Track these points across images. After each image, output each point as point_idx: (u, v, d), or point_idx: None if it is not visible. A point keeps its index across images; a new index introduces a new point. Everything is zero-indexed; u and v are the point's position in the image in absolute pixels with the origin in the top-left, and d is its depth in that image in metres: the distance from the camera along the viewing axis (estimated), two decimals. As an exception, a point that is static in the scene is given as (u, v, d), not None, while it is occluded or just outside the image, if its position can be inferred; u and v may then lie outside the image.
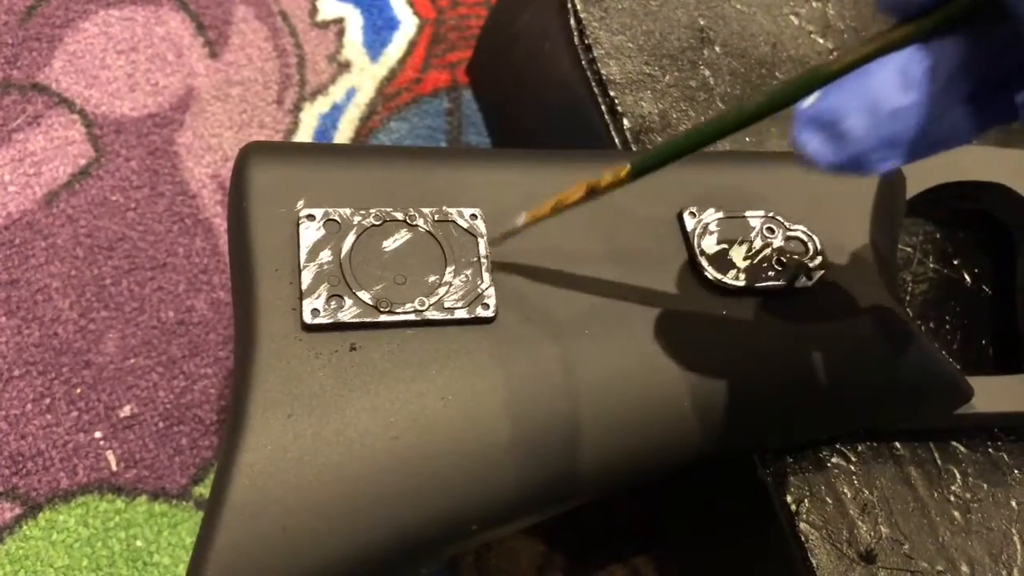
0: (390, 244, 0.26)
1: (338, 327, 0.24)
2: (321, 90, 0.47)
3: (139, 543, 0.36)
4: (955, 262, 0.39)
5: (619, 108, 0.37)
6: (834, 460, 0.33)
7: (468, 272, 0.26)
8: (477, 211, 0.27)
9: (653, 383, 0.26)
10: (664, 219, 0.28)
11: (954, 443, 0.35)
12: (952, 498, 0.34)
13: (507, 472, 0.25)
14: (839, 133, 0.19)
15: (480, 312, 0.25)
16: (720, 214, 0.28)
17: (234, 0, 0.48)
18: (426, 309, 0.25)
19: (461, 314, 0.25)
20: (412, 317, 0.25)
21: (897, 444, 0.34)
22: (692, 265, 0.28)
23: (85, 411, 0.37)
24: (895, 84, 0.18)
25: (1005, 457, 0.35)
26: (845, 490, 0.33)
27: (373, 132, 0.46)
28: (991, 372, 0.36)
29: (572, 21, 0.39)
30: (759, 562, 0.34)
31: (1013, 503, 0.35)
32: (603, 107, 0.37)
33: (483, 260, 0.26)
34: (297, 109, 0.46)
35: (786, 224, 0.29)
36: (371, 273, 0.25)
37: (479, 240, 0.26)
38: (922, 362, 0.29)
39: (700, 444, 0.28)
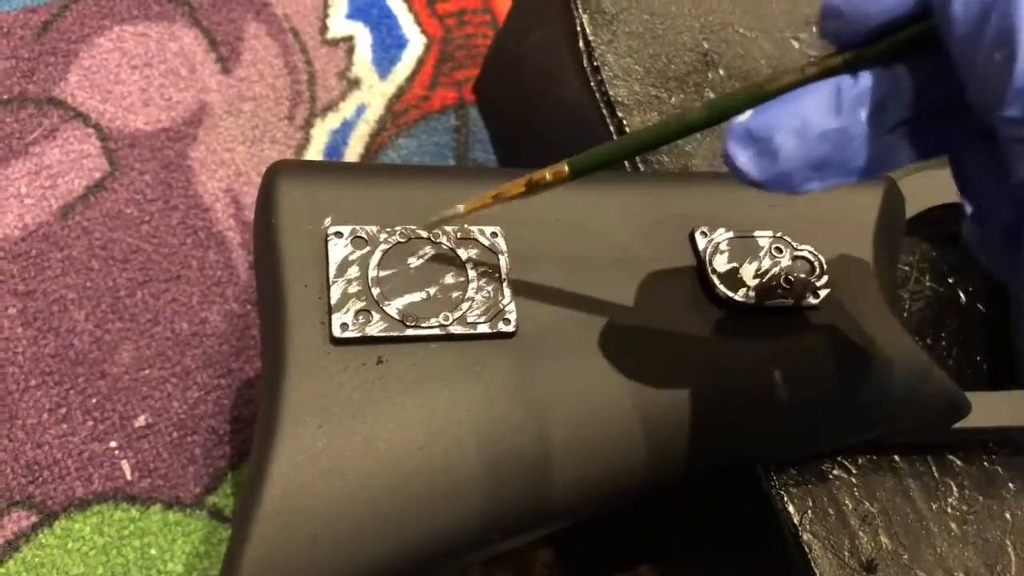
0: (415, 261, 0.26)
1: (366, 341, 0.25)
2: (332, 106, 0.48)
3: (153, 551, 0.36)
4: (950, 280, 0.40)
5: (627, 129, 0.38)
6: (836, 472, 0.34)
7: (490, 288, 0.27)
8: (497, 229, 0.28)
9: (669, 397, 0.27)
10: (676, 238, 0.29)
11: (951, 456, 0.36)
12: (949, 510, 0.35)
13: (528, 483, 0.26)
14: (768, 150, 0.19)
15: (502, 327, 0.26)
16: (730, 234, 0.29)
17: (246, 17, 0.48)
18: (450, 324, 0.26)
19: (483, 329, 0.26)
20: (437, 332, 0.26)
21: (896, 457, 0.35)
22: (703, 283, 0.29)
23: (100, 421, 0.38)
24: (825, 108, 0.19)
25: (1000, 470, 0.37)
26: (847, 501, 0.34)
27: (382, 148, 0.47)
28: (985, 387, 0.37)
29: (581, 43, 0.40)
30: (763, 572, 0.35)
31: (1008, 515, 0.36)
32: (612, 128, 0.38)
33: (504, 276, 0.27)
34: (308, 125, 0.47)
35: (793, 244, 0.30)
36: (397, 289, 0.26)
37: (500, 257, 0.27)
38: (922, 378, 0.30)
39: (714, 455, 0.29)
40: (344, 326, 0.25)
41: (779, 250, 0.29)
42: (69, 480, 0.37)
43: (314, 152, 0.46)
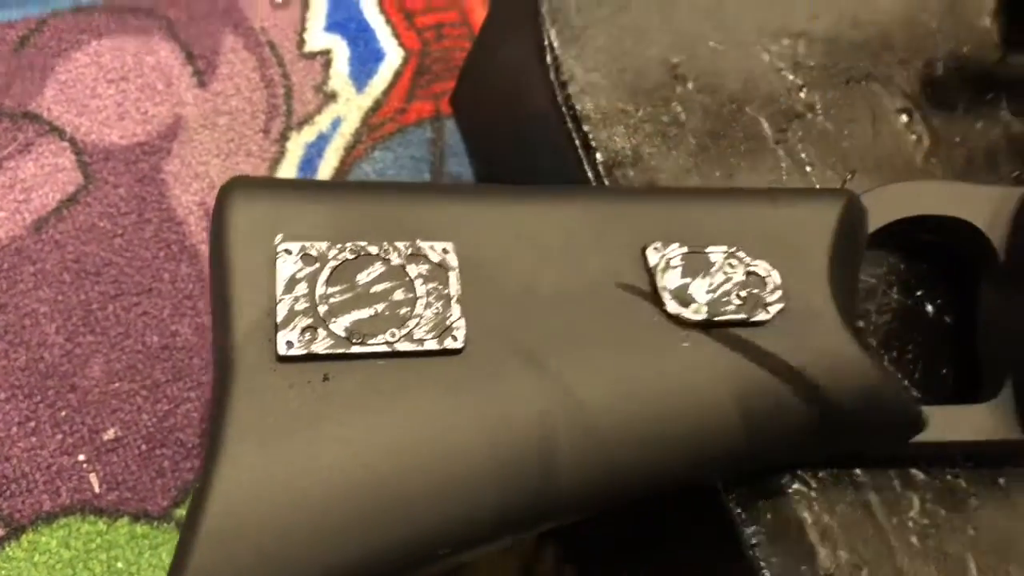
0: (364, 277, 0.27)
1: (312, 358, 0.25)
2: (307, 120, 0.48)
3: (120, 564, 0.37)
4: (918, 293, 0.40)
5: (592, 143, 0.38)
6: (795, 486, 0.34)
7: (439, 305, 0.27)
8: (449, 245, 0.28)
9: (619, 412, 0.28)
10: (629, 254, 0.29)
11: (913, 470, 0.36)
12: (910, 524, 0.35)
13: (474, 498, 0.26)
14: None
15: (449, 343, 0.26)
16: (684, 249, 0.29)
17: (224, 30, 0.49)
18: (397, 340, 0.26)
19: (431, 345, 0.26)
20: (383, 348, 0.26)
21: (857, 471, 0.35)
22: (655, 299, 0.29)
23: (69, 434, 0.38)
24: None
25: (963, 483, 0.36)
26: (806, 515, 0.34)
27: (357, 161, 0.48)
28: (951, 400, 0.37)
29: (549, 58, 0.40)
30: None
31: (970, 529, 0.36)
32: (577, 141, 0.39)
33: (454, 293, 0.27)
34: (284, 138, 0.47)
35: (747, 259, 0.30)
36: (345, 306, 0.26)
37: (450, 273, 0.27)
38: (876, 394, 0.30)
39: (663, 470, 0.29)
40: (289, 344, 0.25)
41: (732, 265, 0.30)
42: (37, 493, 0.37)
43: (289, 165, 0.46)
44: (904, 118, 0.44)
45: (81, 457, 0.38)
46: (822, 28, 0.45)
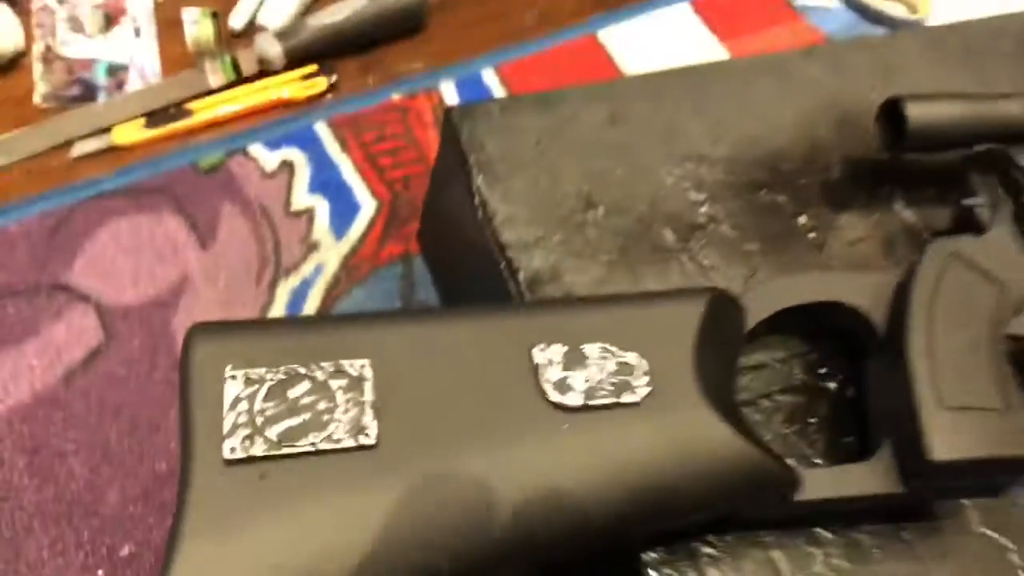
0: (294, 392, 0.33)
1: (251, 460, 0.32)
2: (294, 268, 0.56)
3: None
4: (821, 371, 0.45)
5: (515, 265, 0.45)
6: (705, 550, 0.39)
7: (356, 410, 0.33)
8: (366, 361, 0.34)
9: (512, 488, 0.33)
10: (518, 356, 0.35)
11: (818, 529, 0.40)
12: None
13: (389, 568, 0.31)
14: None
15: (363, 440, 0.32)
16: (564, 348, 0.35)
17: (222, 201, 0.58)
18: (320, 441, 0.32)
19: (348, 443, 0.32)
20: (309, 448, 0.32)
21: (761, 533, 0.39)
22: (540, 391, 0.35)
23: (91, 553, 0.45)
24: None
25: (867, 539, 0.40)
26: (715, 574, 0.38)
27: (337, 299, 0.55)
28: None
29: (477, 199, 0.47)
30: None
31: (874, 579, 0.39)
32: (503, 265, 0.45)
33: (367, 399, 0.33)
34: (273, 286, 0.55)
35: (618, 352, 0.36)
36: (278, 416, 0.33)
37: (365, 384, 0.34)
38: (743, 461, 0.35)
39: (557, 536, 0.34)
40: (232, 449, 0.32)
41: (605, 358, 0.35)
42: (63, 606, 0.43)
43: (277, 309, 0.54)
44: (803, 219, 0.50)
45: (100, 573, 0.44)
46: (723, 150, 0.52)
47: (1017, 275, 0.42)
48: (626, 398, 0.34)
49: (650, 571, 0.38)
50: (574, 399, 0.34)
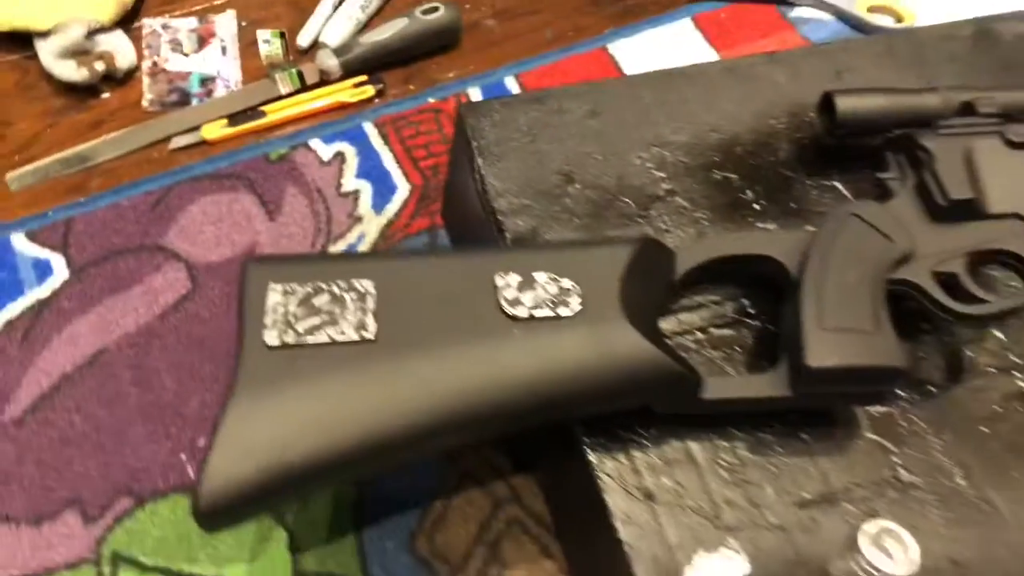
0: (317, 301, 0.46)
1: (284, 347, 0.44)
2: (341, 236, 0.69)
3: (206, 524, 0.55)
4: (749, 311, 0.55)
5: (504, 227, 0.57)
6: (633, 436, 0.49)
7: (361, 315, 0.45)
8: (371, 282, 0.47)
9: (474, 375, 0.45)
10: (485, 281, 0.47)
11: (730, 428, 0.51)
12: (721, 462, 0.49)
13: (381, 425, 0.43)
14: None
15: (365, 335, 0.45)
16: (519, 277, 0.47)
17: (287, 183, 0.72)
18: (335, 336, 0.45)
19: (354, 337, 0.45)
20: (325, 340, 0.44)
21: (682, 429, 0.50)
22: (498, 306, 0.46)
23: (177, 442, 0.58)
24: None
25: (771, 437, 0.50)
26: (636, 455, 0.49)
27: (374, 261, 0.68)
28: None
29: (477, 176, 0.59)
30: (585, 498, 0.49)
31: (771, 467, 0.49)
32: (494, 228, 0.57)
33: (371, 307, 0.46)
34: (324, 249, 0.68)
35: (561, 280, 0.47)
36: (305, 317, 0.45)
37: (369, 297, 0.46)
38: (654, 365, 0.45)
39: (510, 413, 0.45)
40: (272, 338, 0.44)
41: (550, 283, 0.47)
42: (155, 479, 0.57)
43: (326, 267, 0.67)
44: (750, 193, 0.61)
45: (183, 456, 0.58)
46: (684, 137, 0.63)
47: (906, 234, 0.52)
48: (562, 312, 0.46)
49: (588, 451, 0.49)
50: (522, 312, 0.46)
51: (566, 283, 0.47)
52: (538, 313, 0.46)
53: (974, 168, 0.54)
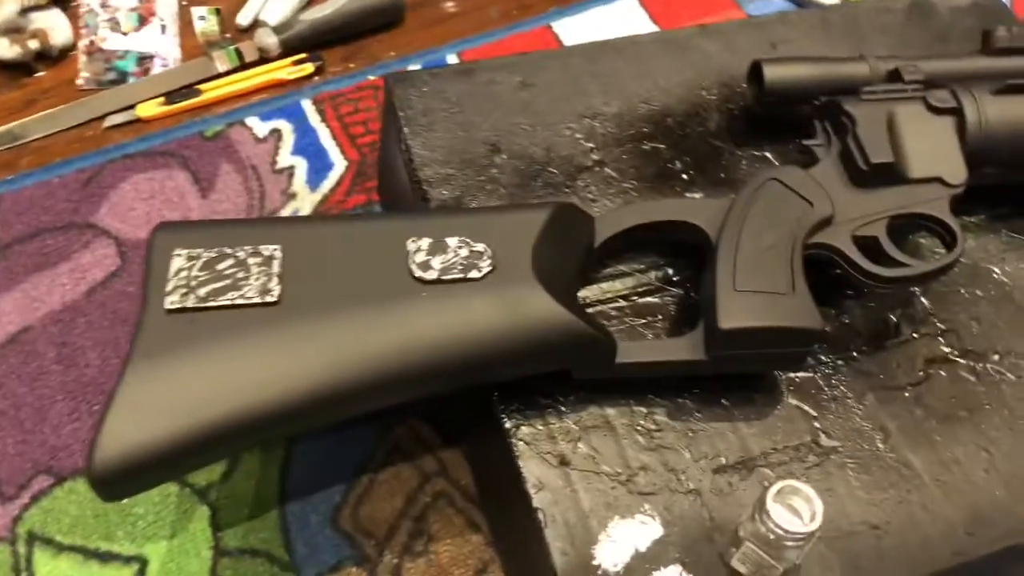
0: (221, 266, 0.45)
1: (184, 311, 0.43)
2: (274, 212, 0.68)
3: (124, 500, 0.55)
4: (672, 278, 0.55)
5: (428, 196, 0.56)
6: (549, 403, 0.49)
7: (265, 279, 0.45)
8: (278, 246, 0.46)
9: (381, 339, 0.44)
10: (397, 246, 0.47)
11: (650, 395, 0.50)
12: (639, 428, 0.49)
13: (281, 389, 0.43)
14: None
15: (267, 299, 0.44)
16: (429, 240, 0.47)
17: (220, 160, 0.71)
18: (236, 299, 0.44)
19: (256, 300, 0.44)
20: (227, 303, 0.44)
21: (600, 395, 0.49)
22: (408, 270, 0.46)
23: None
24: None
25: (690, 403, 0.50)
26: (553, 421, 0.48)
27: (308, 238, 0.67)
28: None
29: (403, 145, 0.59)
30: (503, 466, 0.49)
31: (689, 433, 0.49)
32: (420, 197, 0.57)
33: (275, 271, 0.45)
34: (256, 227, 0.67)
35: (472, 244, 0.47)
36: (207, 281, 0.44)
37: (274, 261, 0.45)
38: (567, 329, 0.45)
39: (421, 375, 0.45)
40: (172, 302, 0.44)
41: (461, 247, 0.46)
42: (75, 457, 0.56)
43: (257, 243, 0.66)
44: (678, 164, 0.60)
45: (104, 432, 0.57)
46: (614, 108, 0.62)
47: (826, 198, 0.52)
48: (471, 274, 0.45)
49: (504, 417, 0.48)
50: (431, 275, 0.45)
51: (478, 247, 0.47)
52: (447, 276, 0.45)
53: (896, 133, 0.53)
